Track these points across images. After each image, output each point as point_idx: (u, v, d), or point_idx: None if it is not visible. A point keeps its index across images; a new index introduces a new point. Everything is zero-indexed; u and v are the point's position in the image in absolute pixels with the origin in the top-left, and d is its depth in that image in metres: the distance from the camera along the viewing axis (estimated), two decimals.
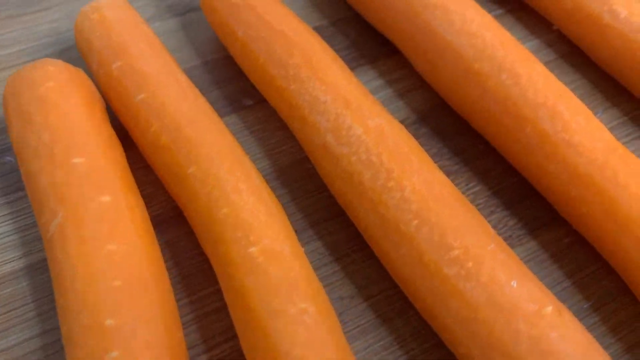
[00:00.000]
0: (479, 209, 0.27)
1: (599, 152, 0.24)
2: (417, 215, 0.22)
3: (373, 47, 0.33)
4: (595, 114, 0.30)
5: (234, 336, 0.22)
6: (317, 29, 0.34)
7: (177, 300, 0.24)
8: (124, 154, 0.25)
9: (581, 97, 0.31)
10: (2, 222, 0.26)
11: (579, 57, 0.33)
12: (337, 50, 0.33)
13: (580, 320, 0.23)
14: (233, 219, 0.22)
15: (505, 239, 0.26)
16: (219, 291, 0.24)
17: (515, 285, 0.20)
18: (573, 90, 0.32)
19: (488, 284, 0.20)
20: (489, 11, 0.35)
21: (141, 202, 0.24)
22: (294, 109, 0.26)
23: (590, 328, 0.23)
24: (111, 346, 0.19)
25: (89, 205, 0.22)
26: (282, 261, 0.21)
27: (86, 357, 0.19)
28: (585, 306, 0.24)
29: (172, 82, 0.26)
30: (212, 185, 0.23)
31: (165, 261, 0.24)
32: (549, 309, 0.20)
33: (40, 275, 0.24)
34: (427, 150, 0.29)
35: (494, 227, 0.26)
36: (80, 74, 0.27)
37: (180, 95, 0.26)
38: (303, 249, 0.22)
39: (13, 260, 0.25)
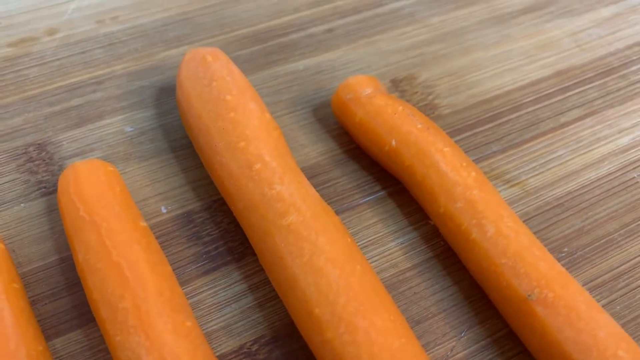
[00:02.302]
0: None
1: None
2: None
3: (243, 240, 0.32)
4: (459, 334, 0.29)
5: None
6: (188, 214, 0.33)
7: None
8: None
9: (449, 311, 0.30)
10: None
11: (454, 258, 0.32)
12: (204, 244, 0.32)
13: None
14: None
15: None
16: None
17: None
18: (442, 301, 0.30)
19: None
20: (372, 193, 0.34)
21: None
22: None
23: None
24: None
25: None
26: None
27: None
28: None
29: None
30: None
31: None
32: None
33: None
34: None
35: None
36: None
37: (1, 344, 0.24)
38: None
39: None
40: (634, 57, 0.43)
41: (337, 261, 0.27)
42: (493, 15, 0.45)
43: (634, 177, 0.36)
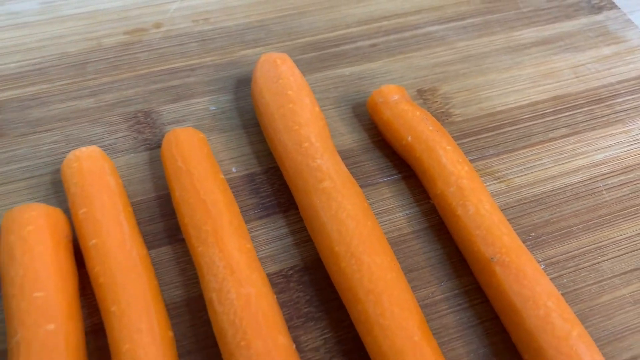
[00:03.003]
0: (319, 355, 0.36)
1: (400, 337, 0.33)
2: None
3: (289, 197, 0.43)
4: (439, 283, 0.40)
5: None
6: (251, 175, 0.44)
7: None
8: (76, 285, 0.36)
9: (434, 266, 0.40)
10: None
11: (444, 230, 0.42)
12: (261, 197, 0.43)
13: None
14: (131, 355, 0.32)
15: None
16: None
17: None
18: (430, 258, 0.41)
19: None
20: (389, 175, 0.45)
21: (79, 327, 0.34)
22: (198, 266, 0.36)
23: None
24: None
25: (37, 331, 0.32)
26: None
27: None
28: None
29: (118, 232, 0.37)
30: (123, 324, 0.33)
31: None
32: None
33: None
34: (302, 298, 0.39)
35: None
36: (55, 214, 0.38)
37: (121, 245, 0.36)
38: None
39: None
40: (622, 91, 0.52)
41: (355, 217, 0.38)
42: (509, 45, 0.55)
43: (600, 187, 0.45)
